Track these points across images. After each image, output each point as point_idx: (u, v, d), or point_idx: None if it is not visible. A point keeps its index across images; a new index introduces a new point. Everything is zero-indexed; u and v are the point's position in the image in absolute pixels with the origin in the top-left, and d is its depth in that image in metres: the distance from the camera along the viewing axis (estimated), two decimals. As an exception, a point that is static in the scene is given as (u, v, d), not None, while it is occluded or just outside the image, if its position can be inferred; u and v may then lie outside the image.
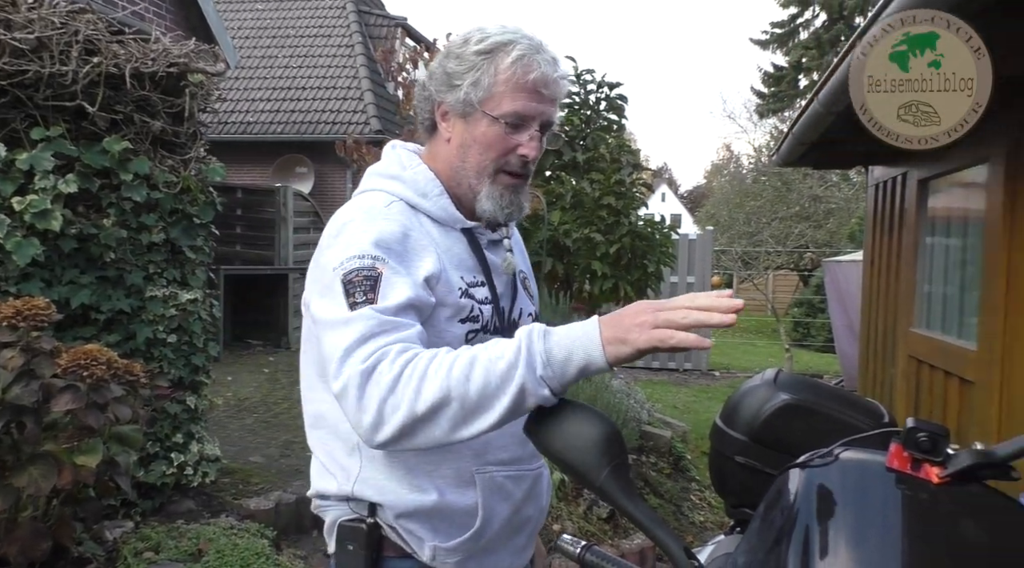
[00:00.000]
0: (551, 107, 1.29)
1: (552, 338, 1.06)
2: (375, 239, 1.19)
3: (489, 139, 1.26)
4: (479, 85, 1.25)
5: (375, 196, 1.29)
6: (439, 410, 1.05)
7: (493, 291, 1.31)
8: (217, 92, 3.30)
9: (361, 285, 1.15)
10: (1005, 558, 0.98)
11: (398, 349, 1.09)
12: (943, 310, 3.40)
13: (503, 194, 1.29)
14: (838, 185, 14.35)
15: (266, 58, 12.85)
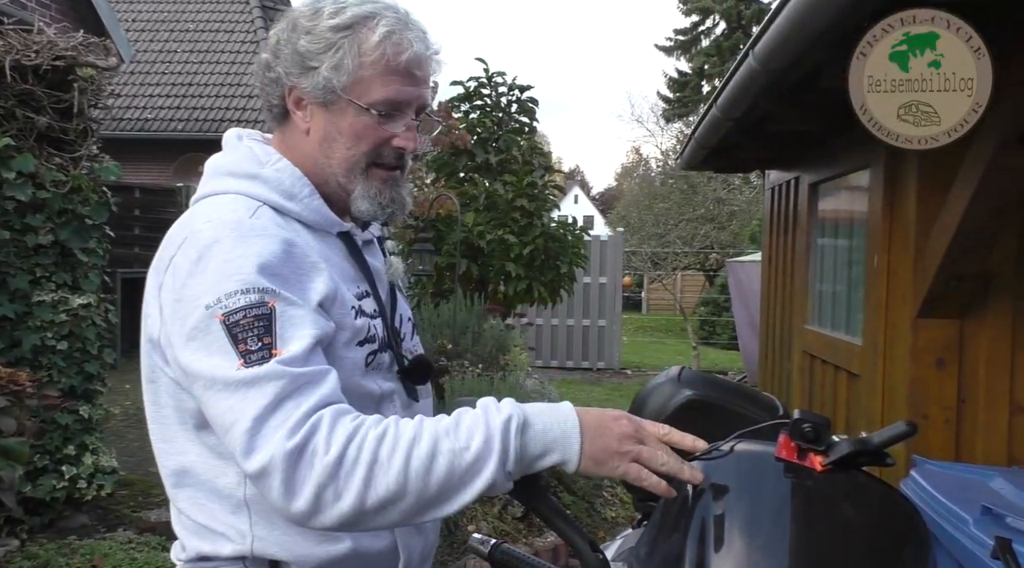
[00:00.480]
0: (426, 89, 1.12)
1: (529, 433, 0.94)
2: (258, 264, 0.97)
3: (358, 131, 1.08)
4: (342, 69, 1.06)
5: (233, 202, 1.05)
6: (392, 504, 0.91)
7: (380, 301, 1.14)
8: (110, 87, 3.15)
9: (252, 328, 0.94)
10: (879, 538, 1.06)
11: (330, 418, 0.92)
12: (832, 308, 3.61)
13: (381, 191, 1.11)
14: (740, 188, 14.98)
15: (164, 52, 12.31)
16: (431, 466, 0.91)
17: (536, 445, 0.94)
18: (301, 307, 0.98)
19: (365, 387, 1.08)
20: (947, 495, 1.89)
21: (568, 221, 6.44)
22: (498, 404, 0.96)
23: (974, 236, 2.20)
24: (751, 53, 2.48)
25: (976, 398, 2.45)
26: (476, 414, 0.95)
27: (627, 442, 0.97)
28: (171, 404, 1.05)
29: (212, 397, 0.95)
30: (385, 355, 1.12)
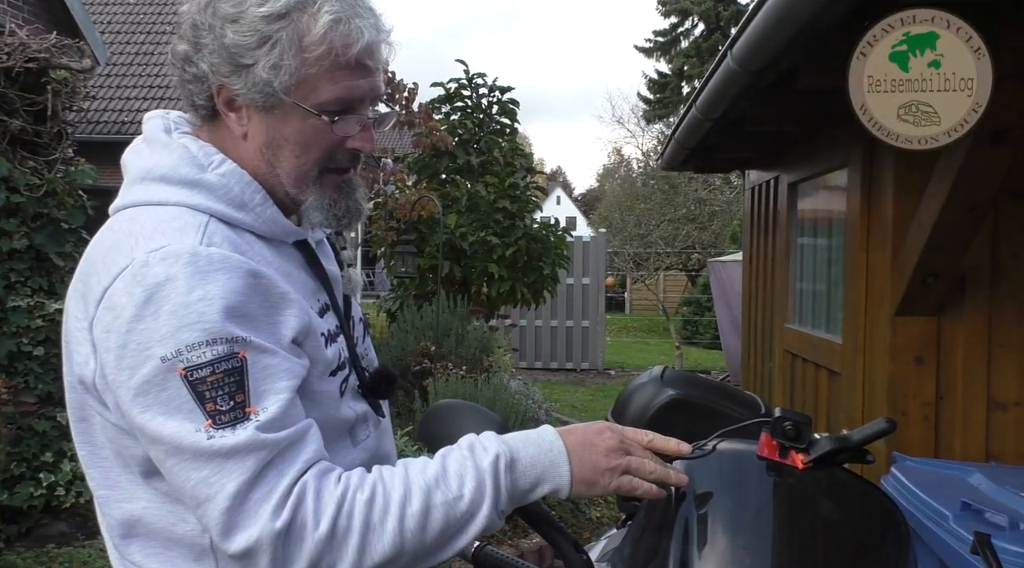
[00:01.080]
0: (379, 78, 0.97)
1: (518, 468, 0.91)
2: (223, 308, 0.84)
3: (307, 137, 0.94)
4: (282, 68, 0.90)
5: (175, 220, 0.89)
6: (388, 564, 0.86)
7: (339, 312, 1.02)
8: (84, 90, 3.10)
9: (221, 386, 0.83)
10: (860, 534, 1.07)
11: (314, 485, 0.84)
12: (813, 306, 3.64)
13: (336, 200, 0.98)
14: (721, 189, 15.07)
15: (141, 55, 12.18)
16: (426, 523, 0.87)
17: (526, 480, 0.92)
18: (274, 354, 0.87)
19: (343, 416, 0.99)
20: (927, 491, 1.91)
21: (550, 222, 6.45)
22: (483, 442, 0.92)
23: (949, 234, 2.22)
24: (729, 54, 2.50)
25: (954, 395, 2.48)
26: (463, 457, 0.91)
27: (614, 456, 0.95)
28: (110, 448, 0.92)
29: (178, 466, 0.84)
30: (351, 374, 1.02)
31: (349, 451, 1.00)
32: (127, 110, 11.39)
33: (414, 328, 4.88)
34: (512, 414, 4.07)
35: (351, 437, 1.01)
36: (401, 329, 4.94)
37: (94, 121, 10.59)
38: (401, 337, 4.79)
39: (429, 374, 4.40)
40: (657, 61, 23.68)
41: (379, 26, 0.95)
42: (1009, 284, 2.45)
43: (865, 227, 2.70)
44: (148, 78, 11.89)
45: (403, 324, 4.99)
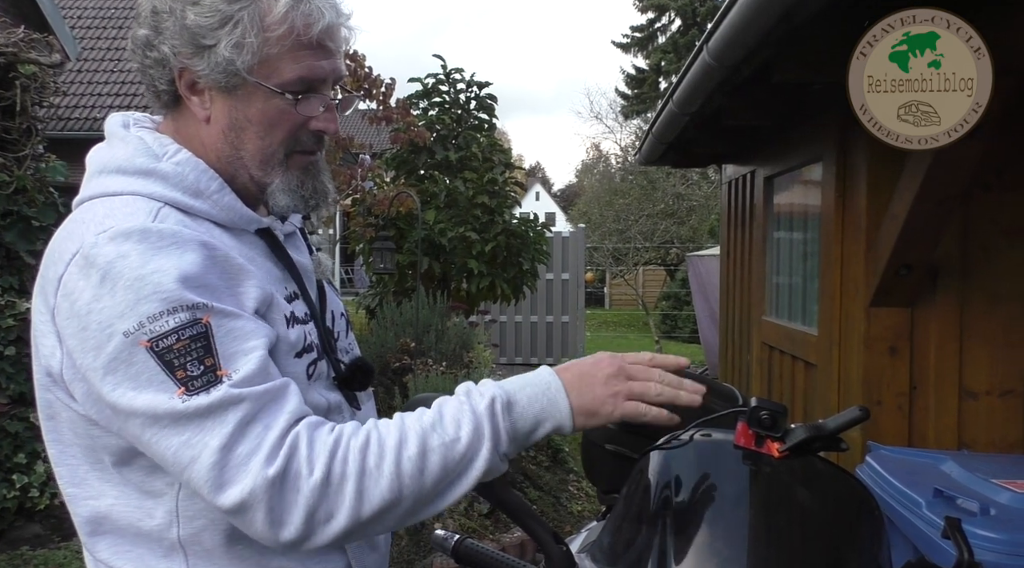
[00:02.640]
0: (340, 61, 0.98)
1: (516, 410, 0.90)
2: (178, 276, 0.84)
3: (271, 117, 0.94)
4: (244, 47, 0.90)
5: (127, 205, 0.89)
6: (388, 511, 0.86)
7: (310, 302, 1.02)
8: (54, 85, 3.06)
9: (188, 352, 0.83)
10: (835, 520, 1.09)
11: (307, 434, 0.84)
12: (789, 299, 3.68)
13: (303, 182, 0.98)
14: (698, 183, 15.17)
15: (112, 50, 11.99)
16: (424, 465, 0.86)
17: (526, 420, 0.91)
18: (239, 317, 0.87)
19: (312, 401, 0.97)
20: (901, 479, 1.94)
21: (529, 218, 6.46)
22: (479, 388, 0.92)
23: (922, 227, 2.26)
24: (705, 48, 2.51)
25: (927, 384, 2.52)
26: (459, 402, 0.90)
27: (614, 382, 0.93)
28: (78, 443, 0.92)
29: (157, 435, 0.83)
30: (324, 363, 1.02)
31: None
32: (99, 106, 11.22)
33: (393, 325, 4.87)
34: (492, 409, 4.08)
35: None
36: (380, 326, 4.92)
37: (65, 117, 10.42)
38: (380, 334, 4.78)
39: (409, 370, 4.39)
40: (635, 57, 23.78)
41: (338, 9, 0.97)
42: (979, 275, 2.49)
43: (839, 220, 2.74)
44: (120, 74, 11.72)
45: (382, 321, 4.97)
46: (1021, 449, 2.46)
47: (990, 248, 2.49)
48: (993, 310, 2.49)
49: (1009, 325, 2.49)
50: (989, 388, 2.49)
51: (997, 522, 1.63)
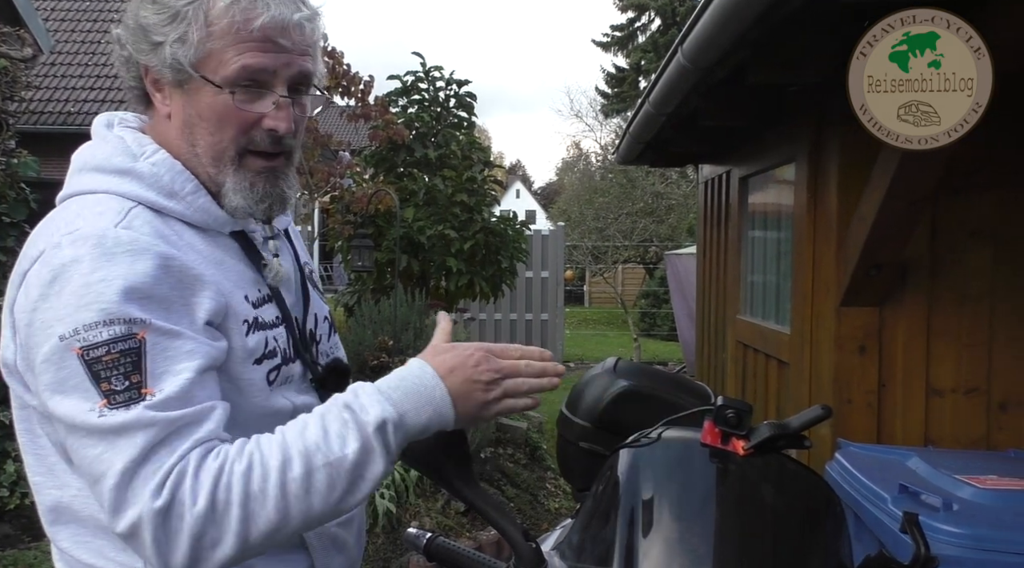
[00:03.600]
0: (299, 59, 0.96)
1: (407, 424, 0.90)
2: (123, 289, 0.84)
3: (219, 114, 0.94)
4: (187, 41, 0.92)
5: (99, 205, 0.91)
6: (278, 530, 0.86)
7: (283, 306, 1.02)
8: (26, 79, 3.01)
9: (117, 366, 0.83)
10: (798, 516, 1.11)
11: (195, 462, 0.83)
12: (763, 298, 3.73)
13: (255, 183, 0.97)
14: (677, 182, 15.26)
15: (87, 43, 11.82)
16: (309, 485, 0.85)
17: (413, 430, 0.92)
18: (178, 335, 0.87)
19: (273, 406, 0.98)
20: (868, 475, 1.98)
21: (509, 216, 6.47)
22: (361, 400, 0.90)
23: (891, 228, 2.30)
24: (680, 50, 2.54)
25: (895, 382, 2.56)
26: (343, 418, 0.88)
27: (494, 387, 0.95)
28: (45, 433, 0.94)
29: (77, 443, 0.84)
30: (295, 366, 1.02)
31: None
32: (72, 100, 11.06)
33: (372, 322, 4.86)
34: (470, 407, 4.09)
35: None
36: (359, 323, 4.91)
37: (38, 112, 10.24)
38: (359, 331, 4.76)
39: (387, 368, 4.38)
40: (615, 55, 23.85)
41: (295, 5, 0.95)
42: (947, 275, 2.54)
43: (811, 221, 2.78)
44: (94, 68, 11.56)
45: (360, 318, 4.96)
46: (985, 445, 2.52)
47: (957, 249, 2.54)
48: (960, 310, 2.54)
49: (975, 325, 2.54)
50: (955, 386, 2.54)
51: (959, 517, 1.67)
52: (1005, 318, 2.53)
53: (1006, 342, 2.52)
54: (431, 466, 1.09)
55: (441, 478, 1.08)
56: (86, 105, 10.97)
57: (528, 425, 5.46)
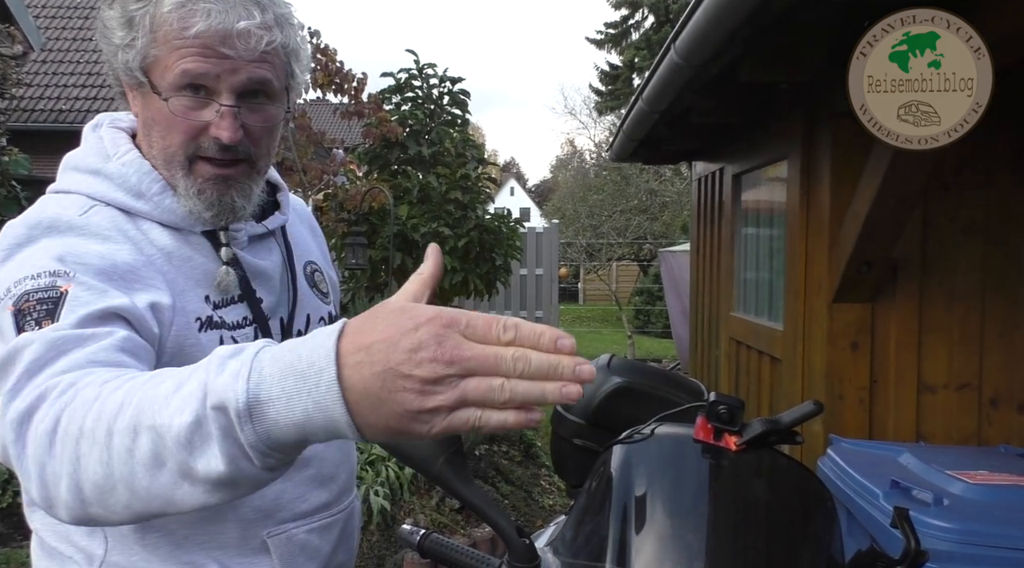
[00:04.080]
0: (249, 66, 0.93)
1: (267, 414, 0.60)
2: (60, 253, 0.86)
3: (165, 118, 0.94)
4: (133, 47, 0.93)
5: (64, 202, 0.94)
6: (105, 491, 0.67)
7: (255, 306, 1.01)
8: (16, 76, 3.00)
9: (33, 312, 0.82)
10: (790, 511, 1.12)
11: (70, 377, 0.74)
12: (756, 294, 3.74)
13: (203, 190, 0.97)
14: (671, 180, 15.29)
15: (78, 40, 11.77)
16: (132, 445, 0.65)
17: (282, 426, 0.60)
18: (104, 292, 0.85)
19: None
20: (860, 471, 1.99)
21: (503, 213, 6.47)
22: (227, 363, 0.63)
23: (882, 224, 2.31)
24: (672, 47, 2.54)
25: (887, 378, 2.58)
26: (200, 378, 0.64)
27: (438, 392, 0.57)
28: None
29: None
30: None
31: None
32: (64, 98, 11.01)
33: (366, 320, 4.85)
34: (465, 405, 4.09)
35: None
36: (352, 321, 4.89)
37: (29, 109, 10.20)
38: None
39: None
40: (608, 53, 23.84)
41: (243, 12, 0.92)
42: (938, 271, 2.56)
43: (804, 217, 2.79)
44: (86, 65, 11.51)
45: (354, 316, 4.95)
46: (976, 441, 2.53)
47: (948, 245, 2.55)
48: (951, 306, 2.56)
49: (966, 320, 2.55)
50: (946, 382, 2.55)
51: (950, 512, 1.68)
52: (996, 314, 2.54)
53: (997, 338, 2.54)
54: (423, 462, 1.09)
55: (433, 474, 1.09)
56: (77, 102, 10.92)
57: (522, 422, 5.45)
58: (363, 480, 3.54)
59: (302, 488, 1.04)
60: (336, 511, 1.11)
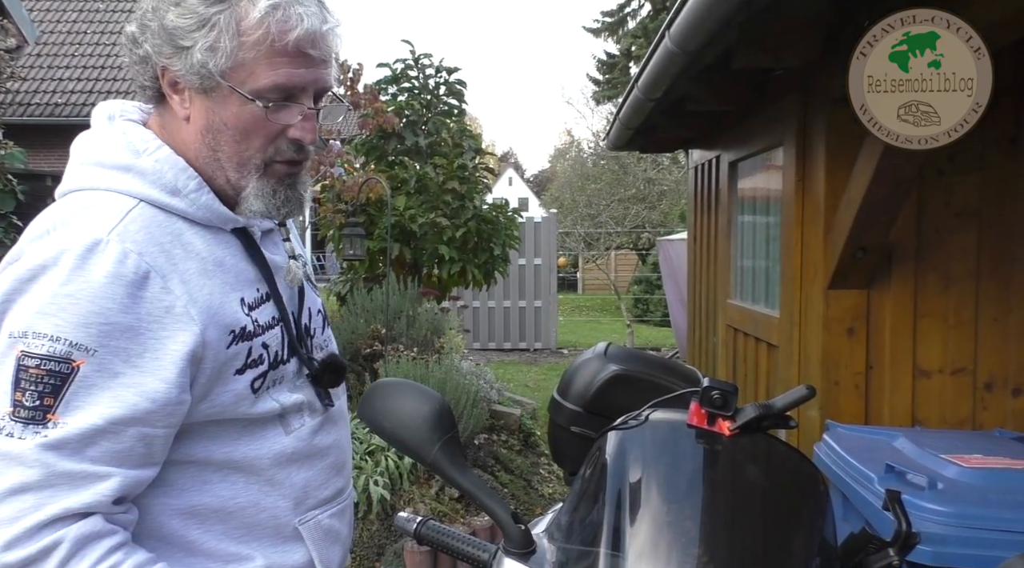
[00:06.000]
0: (324, 70, 0.97)
1: None
2: (88, 311, 0.83)
3: (246, 124, 0.94)
4: (218, 50, 0.91)
5: (101, 202, 0.91)
6: None
7: (281, 305, 1.02)
8: (11, 70, 2.99)
9: (38, 382, 0.81)
10: (783, 495, 1.13)
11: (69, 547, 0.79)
12: (753, 282, 3.75)
13: (277, 191, 0.98)
14: (669, 168, 15.26)
15: (73, 34, 11.72)
16: None
17: None
18: (114, 377, 0.84)
19: (257, 412, 0.97)
20: (855, 456, 2.00)
21: (501, 203, 6.46)
22: None
23: (877, 210, 2.31)
24: (667, 35, 2.53)
25: (882, 364, 2.59)
26: None
27: None
28: None
29: None
30: (287, 366, 1.02)
31: (280, 438, 1.01)
32: (60, 91, 10.98)
33: (364, 311, 4.86)
34: (463, 394, 4.10)
35: (283, 426, 1.02)
36: (351, 312, 4.91)
37: (24, 103, 10.17)
38: (351, 320, 4.77)
39: (380, 357, 4.40)
40: (605, 41, 23.75)
41: (324, 16, 0.95)
42: (932, 257, 2.56)
43: (800, 204, 2.79)
44: (81, 58, 11.47)
45: (353, 307, 4.96)
46: (971, 425, 2.55)
47: (943, 230, 2.56)
48: (946, 291, 2.57)
49: (960, 305, 2.56)
50: (941, 367, 2.56)
51: (944, 495, 1.69)
52: (991, 298, 2.55)
53: (992, 322, 2.55)
54: (419, 450, 1.10)
55: (429, 462, 1.10)
56: (73, 96, 10.88)
57: (521, 411, 5.48)
58: (363, 470, 3.55)
59: (324, 475, 1.07)
60: (347, 495, 1.16)
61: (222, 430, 0.95)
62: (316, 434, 1.06)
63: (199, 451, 0.94)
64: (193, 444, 0.94)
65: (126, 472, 0.85)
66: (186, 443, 0.93)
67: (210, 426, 0.95)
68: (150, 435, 0.87)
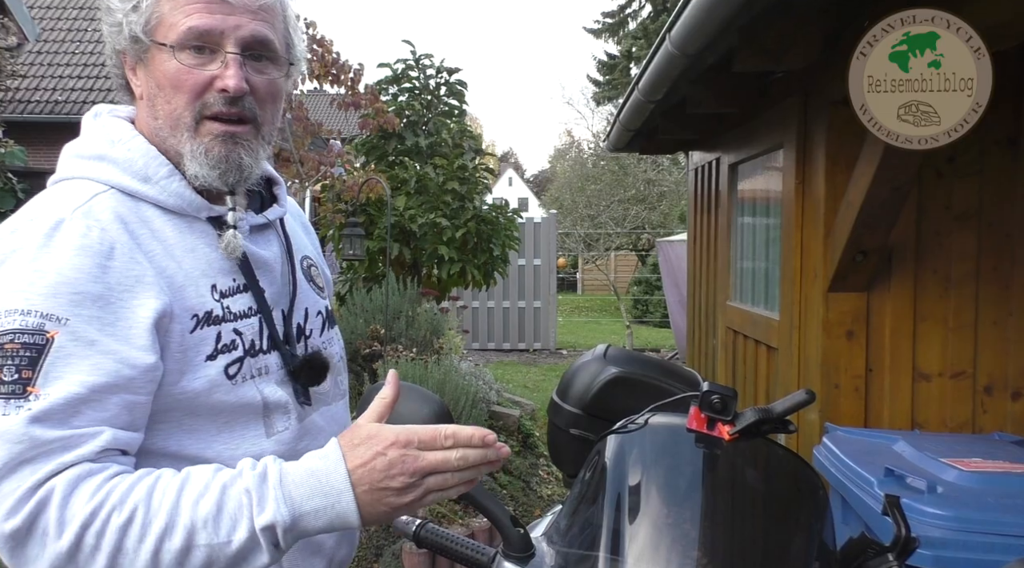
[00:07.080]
0: (250, 19, 0.96)
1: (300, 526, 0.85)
2: (55, 283, 0.84)
3: (171, 77, 0.94)
4: (139, 9, 0.94)
5: (71, 188, 0.94)
6: None
7: (260, 297, 1.00)
8: (11, 68, 2.99)
9: (14, 356, 0.81)
10: (781, 498, 1.13)
11: (63, 491, 0.80)
12: (752, 284, 3.74)
13: (210, 149, 0.96)
14: (669, 169, 15.26)
15: (73, 31, 11.72)
16: (185, 561, 0.81)
17: (309, 532, 0.86)
18: (91, 346, 0.84)
19: (235, 400, 0.96)
20: (855, 459, 2.00)
21: (501, 204, 6.46)
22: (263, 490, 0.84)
23: (877, 212, 2.31)
24: (668, 37, 2.53)
25: (882, 367, 2.59)
26: (241, 501, 0.84)
27: (411, 491, 0.86)
28: None
29: None
30: (268, 357, 1.00)
31: (259, 441, 0.98)
32: (60, 89, 10.98)
33: (364, 311, 4.86)
34: (462, 395, 4.10)
35: (265, 425, 0.99)
36: (351, 312, 4.91)
37: (25, 100, 10.18)
38: (351, 320, 4.77)
39: (379, 357, 4.40)
40: (606, 42, 23.75)
41: None
42: (932, 259, 2.56)
43: (800, 207, 2.79)
44: (81, 55, 11.47)
45: (352, 307, 4.96)
46: (970, 428, 2.55)
47: (942, 233, 2.56)
48: (945, 294, 2.57)
49: (960, 308, 2.56)
50: (941, 370, 2.56)
51: (944, 499, 1.69)
52: (991, 301, 2.55)
53: (992, 325, 2.55)
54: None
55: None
56: (73, 94, 10.89)
57: (520, 412, 5.48)
58: (362, 471, 3.55)
59: None
60: None
61: (198, 424, 0.93)
62: (301, 440, 1.03)
63: (171, 444, 0.93)
64: (167, 436, 0.92)
65: (115, 430, 0.86)
66: (160, 435, 0.92)
67: (186, 418, 0.93)
68: (132, 402, 0.87)
